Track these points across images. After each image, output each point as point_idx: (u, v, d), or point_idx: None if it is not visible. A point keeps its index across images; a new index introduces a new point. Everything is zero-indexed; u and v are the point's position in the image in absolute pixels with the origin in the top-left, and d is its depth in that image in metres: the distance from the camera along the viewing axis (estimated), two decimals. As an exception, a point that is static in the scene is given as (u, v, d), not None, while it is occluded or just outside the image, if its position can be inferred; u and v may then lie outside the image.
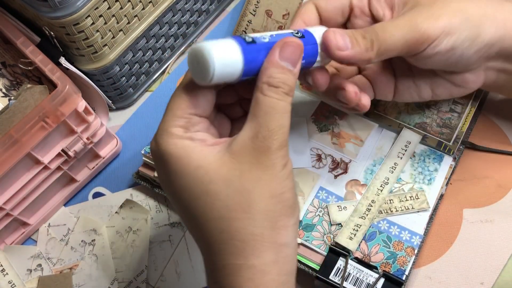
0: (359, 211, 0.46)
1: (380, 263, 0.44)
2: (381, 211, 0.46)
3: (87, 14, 0.46)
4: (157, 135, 0.34)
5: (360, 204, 0.47)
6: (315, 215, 0.47)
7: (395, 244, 0.45)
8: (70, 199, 0.53)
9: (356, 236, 0.45)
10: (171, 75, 0.59)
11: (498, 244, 0.46)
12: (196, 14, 0.59)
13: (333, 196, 0.48)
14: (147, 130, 0.56)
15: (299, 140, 0.50)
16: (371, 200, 0.47)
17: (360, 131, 0.51)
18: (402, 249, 0.45)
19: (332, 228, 0.46)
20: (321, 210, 0.47)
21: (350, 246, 0.45)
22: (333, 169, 0.49)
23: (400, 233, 0.46)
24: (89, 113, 0.48)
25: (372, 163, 0.49)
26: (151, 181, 0.52)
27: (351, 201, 0.47)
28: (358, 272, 0.44)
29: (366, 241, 0.45)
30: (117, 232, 0.50)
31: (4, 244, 0.50)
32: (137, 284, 0.48)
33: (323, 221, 0.47)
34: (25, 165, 0.46)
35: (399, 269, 0.44)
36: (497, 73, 0.43)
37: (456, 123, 0.50)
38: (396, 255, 0.45)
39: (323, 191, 0.48)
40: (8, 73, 0.50)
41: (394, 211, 0.46)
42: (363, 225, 0.46)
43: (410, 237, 0.45)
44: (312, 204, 0.47)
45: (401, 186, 0.48)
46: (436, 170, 0.48)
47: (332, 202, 0.47)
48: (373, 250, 0.45)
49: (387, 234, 0.46)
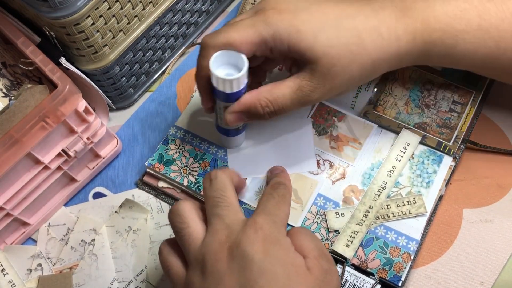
0: (356, 217, 0.46)
1: (376, 270, 0.44)
2: (378, 217, 0.46)
3: (88, 14, 0.46)
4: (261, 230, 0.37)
5: (357, 210, 0.47)
6: (313, 222, 0.47)
7: (392, 250, 0.45)
8: (70, 199, 0.53)
9: (353, 243, 0.45)
10: (171, 76, 0.60)
11: (498, 244, 0.46)
12: (196, 14, 0.59)
13: (330, 202, 0.48)
14: (147, 130, 0.56)
15: (304, 143, 0.51)
16: (368, 205, 0.47)
17: (358, 132, 0.51)
18: (398, 255, 0.45)
19: (330, 235, 0.46)
20: (319, 217, 0.47)
21: (347, 254, 0.45)
22: (331, 175, 0.49)
23: (397, 238, 0.46)
24: (89, 113, 0.48)
25: (370, 167, 0.49)
26: (156, 189, 0.52)
27: (349, 207, 0.47)
28: (355, 278, 0.44)
29: (363, 248, 0.45)
30: (117, 232, 0.50)
31: (4, 244, 0.50)
32: (137, 284, 0.48)
33: (321, 228, 0.47)
34: (25, 165, 0.46)
35: (395, 275, 0.44)
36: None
37: (456, 123, 0.50)
38: (392, 262, 0.45)
39: (320, 198, 0.48)
40: (9, 73, 0.50)
41: (391, 217, 0.46)
42: (360, 232, 0.46)
43: (407, 242, 0.45)
44: (310, 211, 0.47)
45: (398, 190, 0.47)
46: (435, 172, 0.48)
47: (329, 208, 0.47)
48: (370, 257, 0.45)
49: (384, 240, 0.46)
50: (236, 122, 0.43)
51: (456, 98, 0.51)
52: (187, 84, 0.59)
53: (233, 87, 0.41)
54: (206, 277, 0.35)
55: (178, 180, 0.50)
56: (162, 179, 0.51)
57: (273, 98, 0.41)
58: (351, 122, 0.51)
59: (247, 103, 0.42)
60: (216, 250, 0.35)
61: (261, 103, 0.41)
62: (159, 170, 0.50)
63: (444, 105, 0.51)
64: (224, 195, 0.38)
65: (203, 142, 0.52)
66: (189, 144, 0.52)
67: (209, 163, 0.50)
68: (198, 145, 0.51)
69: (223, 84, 0.41)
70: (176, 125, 0.53)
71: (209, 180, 0.40)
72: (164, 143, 0.52)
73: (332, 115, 0.51)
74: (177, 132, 0.52)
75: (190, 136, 0.52)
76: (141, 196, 0.52)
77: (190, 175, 0.50)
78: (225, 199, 0.38)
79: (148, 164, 0.51)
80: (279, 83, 0.42)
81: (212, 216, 0.38)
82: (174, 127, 0.53)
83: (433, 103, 0.51)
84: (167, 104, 0.58)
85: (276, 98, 0.41)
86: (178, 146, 0.52)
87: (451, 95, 0.51)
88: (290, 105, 0.42)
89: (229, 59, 0.41)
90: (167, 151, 0.51)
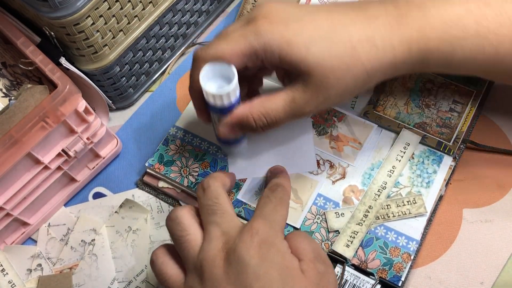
0: (356, 217, 0.46)
1: (376, 270, 0.44)
2: (378, 217, 0.46)
3: (88, 14, 0.46)
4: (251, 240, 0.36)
5: (357, 210, 0.47)
6: (313, 222, 0.47)
7: (392, 250, 0.45)
8: (70, 199, 0.53)
9: (353, 243, 0.45)
10: (171, 76, 0.59)
11: (497, 244, 0.46)
12: (196, 14, 0.59)
13: (330, 202, 0.48)
14: (147, 130, 0.56)
15: (304, 143, 0.50)
16: (368, 205, 0.47)
17: (359, 132, 0.51)
18: (398, 255, 0.45)
19: (330, 235, 0.46)
20: (319, 217, 0.47)
21: (347, 254, 0.45)
22: (331, 175, 0.49)
23: (397, 238, 0.46)
24: (89, 113, 0.48)
25: (370, 167, 0.49)
26: (156, 189, 0.52)
27: (349, 207, 0.47)
28: (355, 278, 0.44)
29: (363, 248, 0.45)
30: (117, 232, 0.50)
31: (4, 244, 0.50)
32: (137, 284, 0.48)
33: (321, 228, 0.47)
34: (25, 165, 0.46)
35: (395, 275, 0.44)
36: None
37: (456, 123, 0.50)
38: (392, 262, 0.45)
39: (320, 198, 0.48)
40: (9, 73, 0.50)
41: (391, 217, 0.46)
42: (360, 232, 0.46)
43: (407, 242, 0.45)
44: (310, 211, 0.47)
45: (398, 190, 0.47)
46: (435, 172, 0.48)
47: (329, 208, 0.47)
48: (370, 257, 0.45)
49: (384, 240, 0.46)
50: (229, 134, 0.43)
51: (457, 98, 0.51)
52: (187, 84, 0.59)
53: (224, 100, 0.40)
54: (204, 284, 0.35)
55: (178, 180, 0.50)
56: (162, 179, 0.51)
57: (265, 111, 0.40)
58: (351, 122, 0.51)
59: (240, 116, 0.41)
60: (214, 257, 0.36)
61: (253, 116, 0.41)
62: (159, 171, 0.50)
63: (444, 105, 0.51)
64: (218, 203, 0.38)
65: (203, 142, 0.52)
66: (189, 145, 0.52)
67: (209, 164, 0.50)
68: (198, 145, 0.51)
69: (213, 98, 0.40)
70: (176, 125, 0.53)
71: (202, 190, 0.40)
72: (164, 144, 0.52)
73: (332, 115, 0.51)
74: (177, 132, 0.52)
75: (190, 136, 0.52)
76: (141, 196, 0.52)
77: (190, 176, 0.50)
78: (220, 206, 0.38)
79: (148, 164, 0.51)
80: (272, 96, 0.41)
81: (208, 224, 0.38)
82: (174, 127, 0.53)
83: (433, 103, 0.51)
84: (167, 104, 0.58)
85: (269, 110, 0.40)
86: (178, 147, 0.52)
87: (451, 95, 0.51)
88: (283, 118, 0.41)
89: (220, 71, 0.40)
90: (167, 151, 0.51)
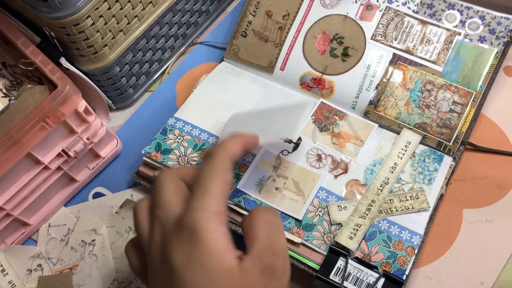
0: (359, 211, 0.46)
1: (380, 263, 0.44)
2: (381, 211, 0.46)
3: (88, 15, 0.46)
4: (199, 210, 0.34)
5: (360, 204, 0.47)
6: (315, 214, 0.47)
7: (395, 244, 0.45)
8: (70, 199, 0.53)
9: (356, 235, 0.45)
10: (171, 76, 0.60)
11: (498, 244, 0.46)
12: (196, 14, 0.59)
13: (333, 196, 0.48)
14: (147, 130, 0.56)
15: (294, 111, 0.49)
16: (371, 200, 0.47)
17: (360, 131, 0.51)
18: (402, 248, 0.45)
19: (332, 228, 0.46)
20: (321, 210, 0.47)
21: (350, 246, 0.45)
22: (333, 169, 0.49)
23: (400, 233, 0.46)
24: (89, 113, 0.48)
25: (372, 163, 0.49)
26: (151, 181, 0.52)
27: (351, 201, 0.47)
28: (358, 271, 0.44)
29: (366, 241, 0.45)
30: (117, 232, 0.50)
31: (4, 244, 0.50)
32: (137, 284, 0.48)
33: (323, 221, 0.47)
34: (25, 165, 0.46)
35: (399, 269, 0.44)
36: None
37: (456, 123, 0.50)
38: (396, 255, 0.45)
39: (323, 191, 0.48)
40: (9, 73, 0.50)
41: (394, 211, 0.46)
42: (363, 225, 0.46)
43: (410, 236, 0.45)
44: (312, 204, 0.47)
45: (401, 186, 0.48)
46: (436, 170, 0.48)
47: (332, 202, 0.47)
48: (373, 250, 0.45)
49: (387, 233, 0.46)
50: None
51: (456, 99, 0.51)
52: (187, 84, 0.59)
53: None
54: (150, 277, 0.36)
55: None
56: (159, 168, 0.51)
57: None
58: (352, 121, 0.51)
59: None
60: (153, 253, 0.35)
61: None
62: (156, 158, 0.50)
63: (444, 105, 0.51)
64: (159, 194, 0.37)
65: (203, 133, 0.52)
66: (188, 135, 0.52)
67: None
68: (198, 135, 0.51)
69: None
70: (175, 116, 0.53)
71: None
72: (162, 133, 0.52)
73: (334, 114, 0.52)
74: (176, 122, 0.52)
75: (189, 127, 0.52)
76: (140, 196, 0.52)
77: (188, 164, 0.50)
78: (160, 197, 0.37)
79: (144, 152, 0.51)
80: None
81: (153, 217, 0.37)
82: (173, 118, 0.53)
83: (434, 104, 0.51)
84: (167, 104, 0.58)
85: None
86: (177, 136, 0.51)
87: (451, 96, 0.51)
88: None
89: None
90: (165, 140, 0.51)
